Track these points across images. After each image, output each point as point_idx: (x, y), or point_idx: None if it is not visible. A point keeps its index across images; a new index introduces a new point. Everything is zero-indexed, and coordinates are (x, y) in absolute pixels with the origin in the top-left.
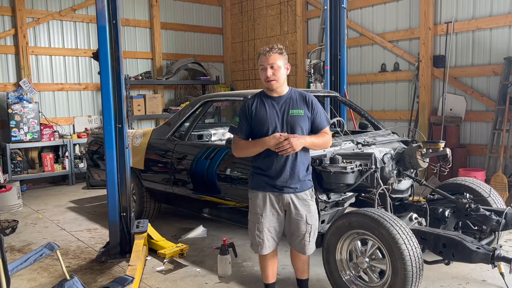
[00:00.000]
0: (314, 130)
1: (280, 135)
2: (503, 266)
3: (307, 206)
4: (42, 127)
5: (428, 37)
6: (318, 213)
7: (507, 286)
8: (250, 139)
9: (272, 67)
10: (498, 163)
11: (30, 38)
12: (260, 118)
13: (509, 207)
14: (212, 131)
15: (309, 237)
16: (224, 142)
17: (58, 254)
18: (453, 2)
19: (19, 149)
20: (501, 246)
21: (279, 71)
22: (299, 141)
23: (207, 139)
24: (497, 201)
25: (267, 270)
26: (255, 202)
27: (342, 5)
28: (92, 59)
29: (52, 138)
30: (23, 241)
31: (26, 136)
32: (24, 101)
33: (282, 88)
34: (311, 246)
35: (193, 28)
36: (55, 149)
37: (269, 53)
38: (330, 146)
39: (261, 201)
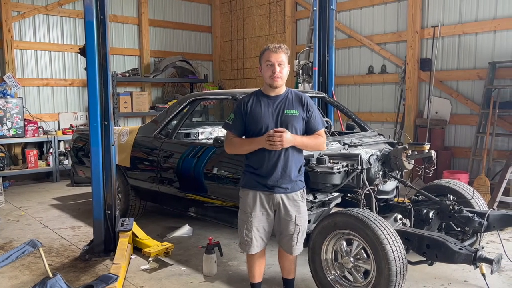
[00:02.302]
0: (309, 131)
1: (275, 130)
2: (485, 267)
3: (297, 207)
4: (26, 123)
5: (415, 40)
6: None
7: (488, 287)
8: (243, 137)
9: (280, 65)
10: (481, 166)
11: (15, 32)
12: (254, 116)
13: (491, 209)
14: (200, 130)
15: (297, 237)
16: (211, 141)
17: (41, 252)
18: (440, 6)
19: (2, 144)
20: (483, 248)
21: (285, 69)
22: (290, 138)
23: (194, 138)
24: (480, 203)
25: (254, 269)
26: (245, 200)
27: (331, 7)
28: (78, 54)
29: (36, 134)
30: (4, 238)
31: (9, 131)
32: (8, 96)
33: (282, 87)
34: (298, 246)
35: (181, 26)
36: (39, 145)
37: (279, 49)
38: None
39: (251, 200)
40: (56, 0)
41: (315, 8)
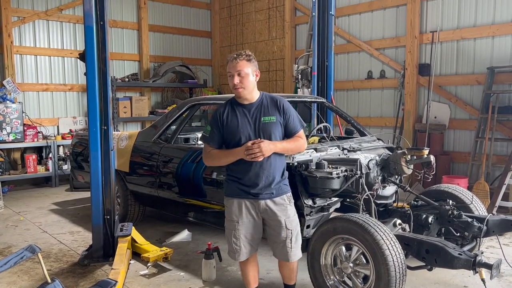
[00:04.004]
0: (288, 134)
1: (252, 142)
2: (484, 272)
3: (284, 210)
4: (25, 128)
5: (414, 45)
6: (304, 218)
7: None
8: (224, 146)
9: (239, 74)
10: (480, 171)
11: (15, 37)
12: (232, 127)
13: (491, 214)
14: (199, 135)
15: (291, 243)
16: None
17: (40, 257)
18: (438, 11)
19: (1, 149)
20: (482, 253)
21: (247, 78)
22: (269, 146)
23: (194, 143)
24: (479, 208)
25: (248, 276)
26: (230, 209)
27: (330, 12)
28: (78, 59)
29: (35, 139)
30: (3, 244)
31: (8, 136)
32: (8, 101)
33: (251, 95)
34: (294, 252)
35: (181, 31)
36: (38, 150)
37: (236, 60)
38: (316, 151)
39: (237, 208)
40: (56, 5)
41: (314, 14)
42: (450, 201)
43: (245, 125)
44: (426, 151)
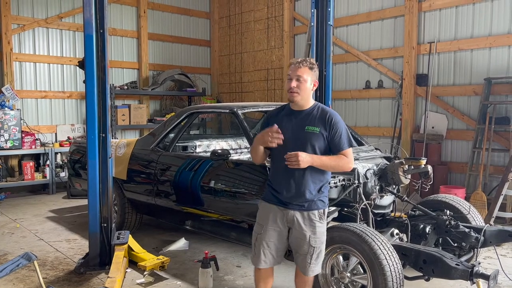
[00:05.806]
0: (333, 150)
1: (288, 154)
2: (482, 282)
3: (312, 227)
4: (23, 135)
5: (412, 56)
6: None
7: None
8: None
9: (298, 79)
10: (478, 181)
11: (15, 45)
12: None
13: (488, 225)
14: (197, 143)
15: (311, 259)
16: (209, 154)
17: (35, 265)
18: (436, 22)
19: None
20: (479, 263)
21: (304, 84)
22: (306, 158)
23: (192, 151)
24: (476, 218)
25: (259, 286)
26: (260, 212)
27: (329, 22)
28: (77, 67)
29: (33, 146)
30: None
31: (6, 143)
32: (6, 108)
33: (304, 102)
34: (312, 268)
35: (180, 40)
36: (36, 157)
37: (299, 64)
38: None
39: (265, 213)
40: (56, 13)
41: (312, 24)
42: (448, 211)
43: (287, 130)
44: (423, 161)
